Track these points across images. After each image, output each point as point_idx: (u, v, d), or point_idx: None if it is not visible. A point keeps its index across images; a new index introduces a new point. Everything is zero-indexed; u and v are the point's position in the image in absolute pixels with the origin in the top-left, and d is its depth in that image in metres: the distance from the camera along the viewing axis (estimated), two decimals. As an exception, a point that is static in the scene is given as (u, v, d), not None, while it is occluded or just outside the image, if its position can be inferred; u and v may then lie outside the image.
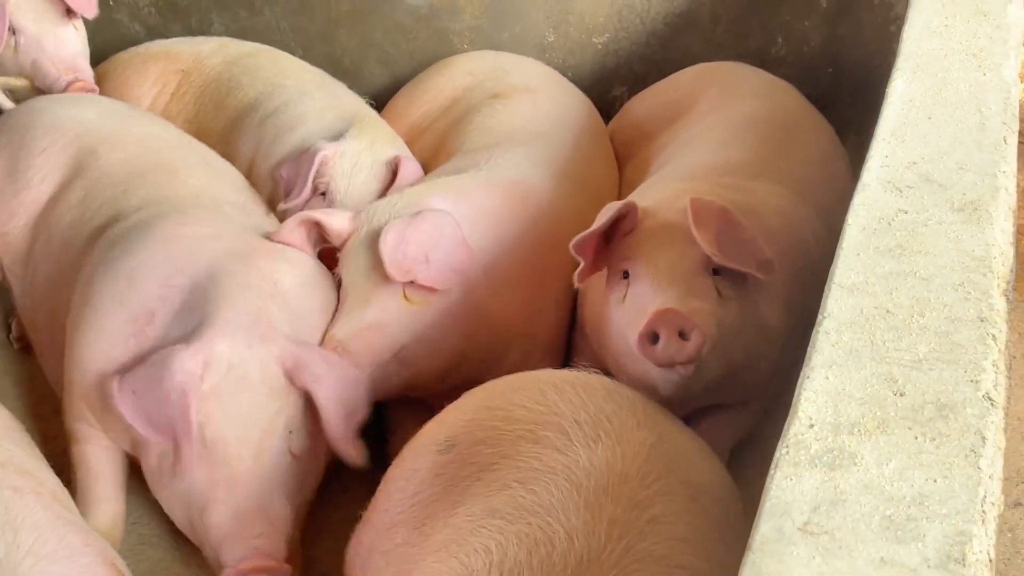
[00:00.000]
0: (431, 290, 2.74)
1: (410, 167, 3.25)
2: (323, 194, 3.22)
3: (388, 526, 2.11)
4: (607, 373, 2.44)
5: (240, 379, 2.48)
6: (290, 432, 2.53)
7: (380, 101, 3.80)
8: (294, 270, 2.79)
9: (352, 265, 2.83)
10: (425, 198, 2.88)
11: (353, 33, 3.96)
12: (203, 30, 4.00)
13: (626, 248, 2.59)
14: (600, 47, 3.87)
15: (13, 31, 3.48)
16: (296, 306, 2.71)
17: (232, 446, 2.46)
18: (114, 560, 2.19)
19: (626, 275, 2.57)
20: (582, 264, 2.58)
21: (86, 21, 3.66)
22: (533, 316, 2.90)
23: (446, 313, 2.77)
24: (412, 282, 2.73)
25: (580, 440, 1.96)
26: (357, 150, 3.24)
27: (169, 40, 3.93)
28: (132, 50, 3.88)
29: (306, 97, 3.49)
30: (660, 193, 2.77)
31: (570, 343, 3.02)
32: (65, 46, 3.55)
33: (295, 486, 2.53)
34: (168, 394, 2.40)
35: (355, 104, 3.53)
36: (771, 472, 1.41)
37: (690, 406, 2.63)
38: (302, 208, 3.14)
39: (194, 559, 2.73)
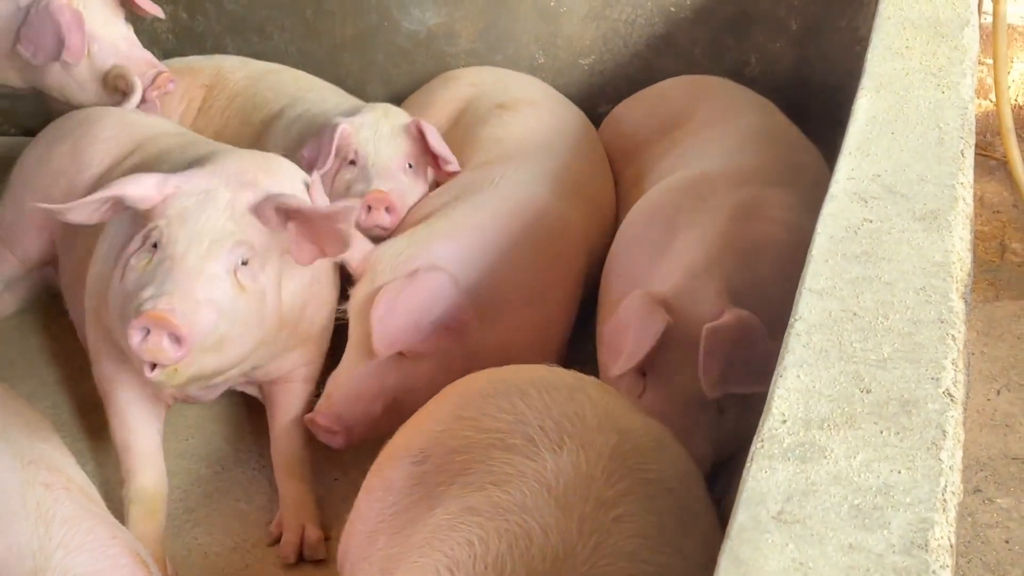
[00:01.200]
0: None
1: (433, 131, 3.24)
2: (352, 162, 3.21)
3: (369, 534, 2.11)
4: None
5: (206, 200, 2.53)
6: (242, 262, 2.54)
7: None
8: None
9: (354, 318, 2.76)
10: (431, 246, 2.79)
11: (357, 56, 3.98)
12: (218, 54, 4.00)
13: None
14: (587, 68, 3.89)
15: (88, 38, 3.41)
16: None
17: (180, 244, 2.48)
18: (139, 551, 2.20)
19: (644, 374, 2.55)
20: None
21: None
22: (539, 331, 2.87)
23: (441, 365, 2.70)
24: None
25: (546, 446, 1.96)
26: (374, 119, 3.25)
27: (188, 57, 3.93)
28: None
29: (327, 102, 3.50)
30: (677, 266, 2.66)
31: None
32: (136, 45, 3.52)
33: (228, 311, 2.51)
34: None
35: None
36: (747, 465, 1.41)
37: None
38: (331, 176, 3.16)
39: (213, 551, 2.74)
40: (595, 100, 3.86)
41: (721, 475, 2.57)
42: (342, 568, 2.26)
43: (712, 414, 2.52)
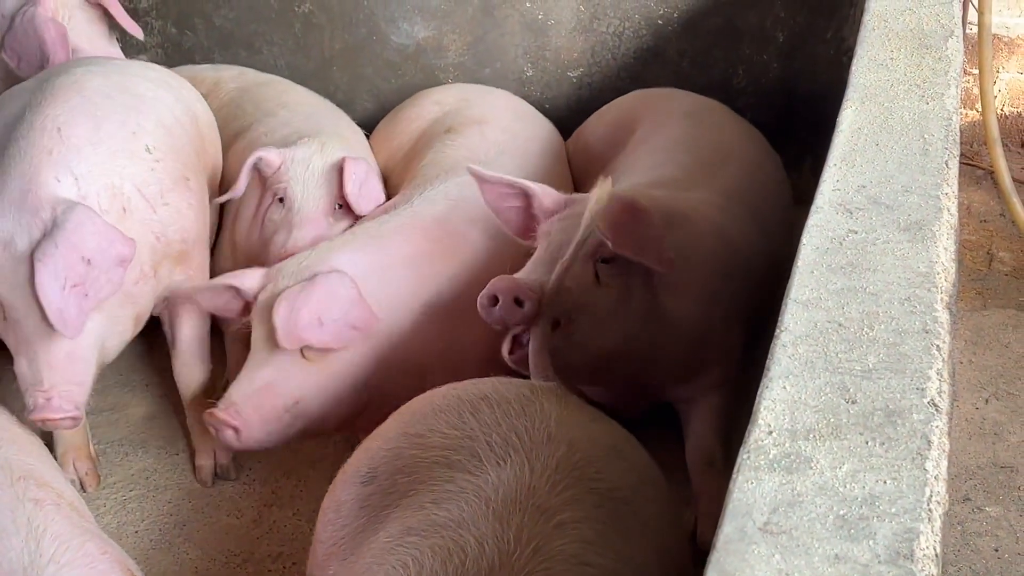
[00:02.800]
0: (328, 349, 2.69)
1: (356, 167, 3.16)
2: (281, 200, 3.15)
3: (324, 557, 2.11)
4: None
5: (16, 255, 2.51)
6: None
7: (370, 131, 3.81)
8: None
9: (256, 325, 2.76)
10: (332, 255, 2.80)
11: (345, 70, 3.98)
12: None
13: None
14: (575, 80, 3.89)
15: (73, 52, 3.38)
16: None
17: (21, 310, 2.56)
18: (129, 566, 2.19)
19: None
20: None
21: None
22: (452, 347, 2.84)
23: (345, 367, 2.72)
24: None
25: (491, 461, 1.97)
26: (308, 155, 3.17)
27: (199, 66, 3.93)
28: None
29: (286, 127, 3.43)
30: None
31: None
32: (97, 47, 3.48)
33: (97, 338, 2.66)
34: None
35: (333, 132, 3.43)
36: (733, 476, 1.41)
37: (633, 404, 2.75)
38: (262, 213, 3.16)
39: (203, 566, 2.74)
40: (584, 113, 3.86)
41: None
42: None
43: (586, 271, 2.55)
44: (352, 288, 2.68)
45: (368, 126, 3.81)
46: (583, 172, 3.54)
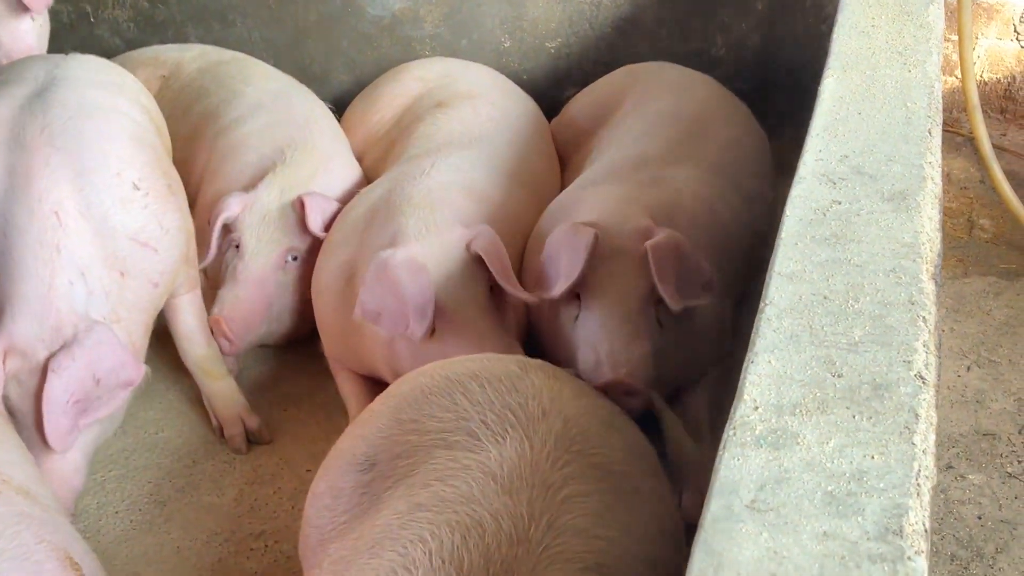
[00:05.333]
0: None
1: (315, 203, 3.14)
2: (237, 247, 3.13)
3: (320, 542, 2.10)
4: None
5: (34, 365, 2.53)
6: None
7: (345, 106, 3.77)
8: None
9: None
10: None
11: (320, 42, 3.93)
12: (179, 42, 3.95)
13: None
14: (553, 51, 3.85)
15: None
16: None
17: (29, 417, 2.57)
18: (71, 553, 2.12)
19: (578, 296, 2.61)
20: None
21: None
22: None
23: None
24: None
25: (489, 439, 1.96)
26: (266, 201, 3.14)
27: (160, 47, 3.87)
28: (125, 56, 3.81)
29: (258, 113, 3.39)
30: (603, 204, 2.78)
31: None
32: (21, 39, 3.34)
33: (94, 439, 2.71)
34: None
35: (303, 121, 3.40)
36: (720, 453, 1.40)
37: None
38: (221, 253, 3.16)
39: (185, 546, 2.72)
40: (562, 83, 3.83)
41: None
42: (303, 564, 2.24)
43: (651, 322, 2.57)
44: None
45: (344, 101, 3.77)
46: (569, 147, 3.52)
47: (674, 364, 2.63)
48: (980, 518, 2.77)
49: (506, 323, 2.73)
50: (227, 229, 3.13)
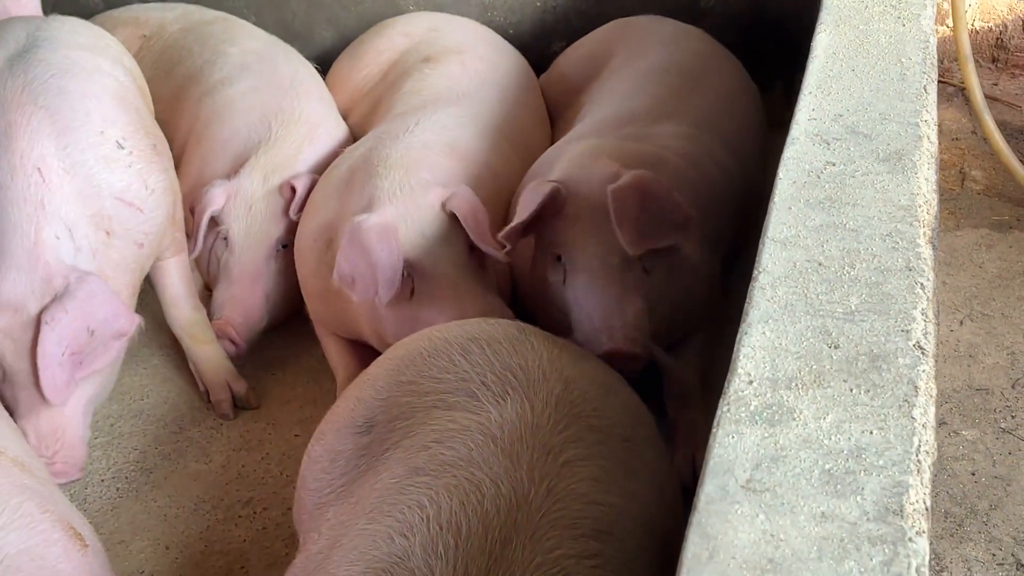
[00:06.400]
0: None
1: (302, 185, 3.07)
2: (225, 239, 3.07)
3: (317, 505, 2.07)
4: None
5: (26, 320, 2.49)
6: None
7: (329, 63, 3.69)
8: None
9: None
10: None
11: (303, -1, 3.84)
12: (160, 1, 3.86)
13: (556, 232, 2.58)
14: (539, 5, 3.77)
15: None
16: None
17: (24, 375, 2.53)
18: (73, 522, 2.10)
19: (559, 258, 2.57)
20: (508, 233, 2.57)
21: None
22: None
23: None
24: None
25: (489, 400, 1.94)
26: (250, 188, 3.07)
27: (141, 6, 3.78)
28: (104, 15, 3.73)
29: (243, 75, 3.32)
30: (575, 158, 2.71)
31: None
32: (24, 7, 3.30)
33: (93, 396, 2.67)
34: None
35: (288, 84, 3.32)
36: (713, 430, 1.35)
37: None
38: (208, 245, 3.09)
39: (172, 513, 2.68)
40: (548, 38, 3.76)
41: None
42: (298, 537, 2.21)
43: (638, 273, 2.53)
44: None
45: (328, 58, 3.70)
46: (559, 103, 3.46)
47: (663, 313, 2.58)
48: (974, 474, 2.74)
49: (487, 283, 2.69)
50: (213, 221, 3.06)
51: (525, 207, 2.56)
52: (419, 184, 2.71)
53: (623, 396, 2.14)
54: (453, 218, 2.64)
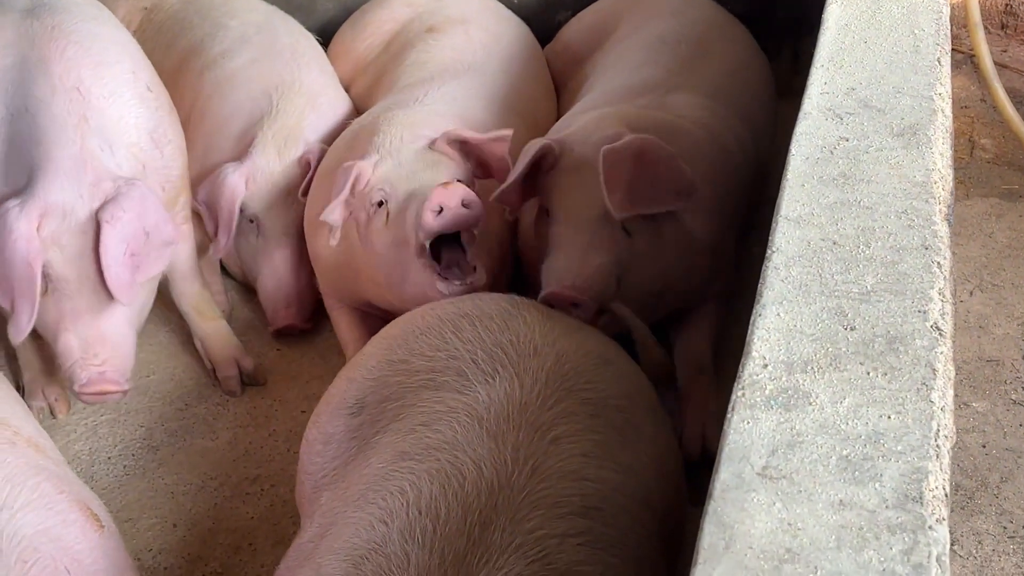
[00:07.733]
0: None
1: (316, 153, 3.05)
2: (251, 221, 3.05)
3: (314, 489, 2.05)
4: None
5: (75, 225, 2.46)
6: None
7: (331, 34, 3.65)
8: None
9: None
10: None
11: (305, -31, 3.78)
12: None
13: (546, 186, 2.57)
14: (544, -26, 3.72)
15: None
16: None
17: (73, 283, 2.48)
18: (89, 503, 2.09)
19: (549, 213, 2.56)
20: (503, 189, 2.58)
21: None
22: None
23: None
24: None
25: (478, 378, 1.92)
26: (267, 166, 3.03)
27: None
28: None
29: (243, 48, 3.27)
30: (588, 124, 2.68)
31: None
32: None
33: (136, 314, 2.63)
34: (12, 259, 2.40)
35: (289, 56, 3.27)
36: (728, 416, 1.32)
37: (653, 318, 2.61)
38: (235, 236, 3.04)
39: (179, 490, 2.66)
40: (554, 7, 3.71)
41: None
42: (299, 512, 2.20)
43: (614, 231, 2.49)
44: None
45: (330, 29, 3.65)
46: (565, 73, 3.42)
47: (645, 277, 2.54)
48: (984, 447, 2.71)
49: (490, 227, 2.70)
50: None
51: (517, 165, 2.56)
52: (417, 139, 2.71)
53: (619, 366, 2.11)
54: (448, 155, 2.68)
